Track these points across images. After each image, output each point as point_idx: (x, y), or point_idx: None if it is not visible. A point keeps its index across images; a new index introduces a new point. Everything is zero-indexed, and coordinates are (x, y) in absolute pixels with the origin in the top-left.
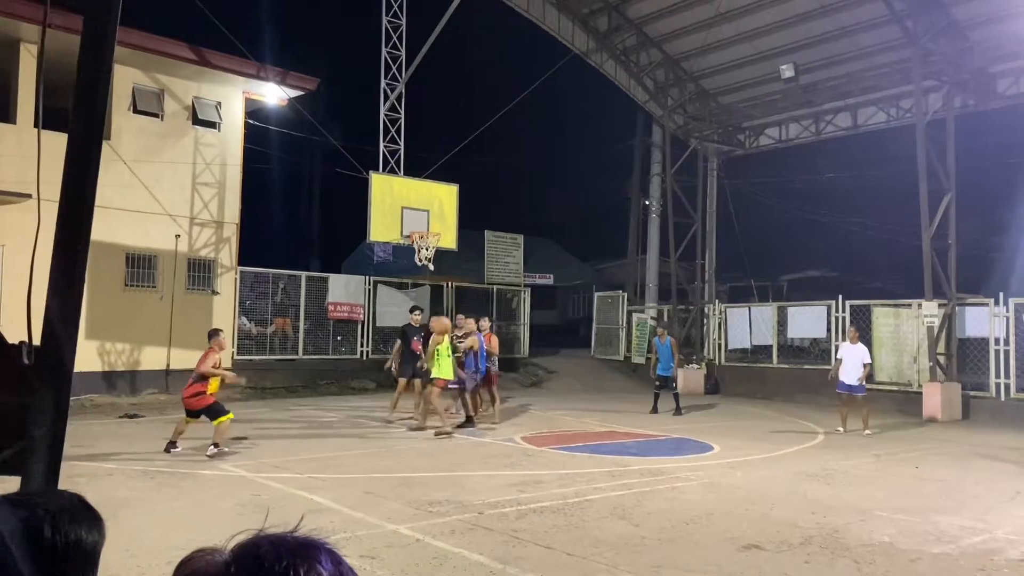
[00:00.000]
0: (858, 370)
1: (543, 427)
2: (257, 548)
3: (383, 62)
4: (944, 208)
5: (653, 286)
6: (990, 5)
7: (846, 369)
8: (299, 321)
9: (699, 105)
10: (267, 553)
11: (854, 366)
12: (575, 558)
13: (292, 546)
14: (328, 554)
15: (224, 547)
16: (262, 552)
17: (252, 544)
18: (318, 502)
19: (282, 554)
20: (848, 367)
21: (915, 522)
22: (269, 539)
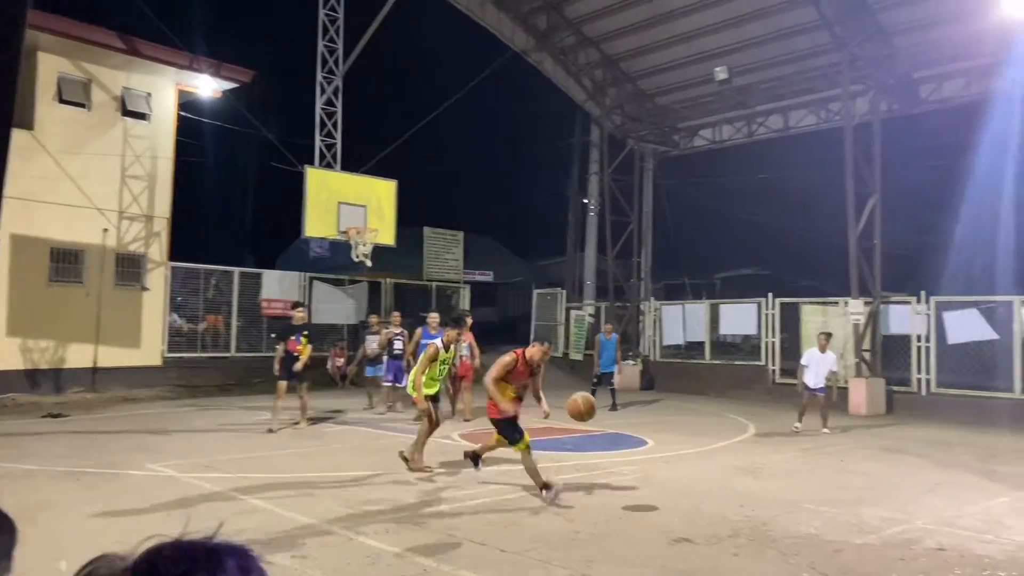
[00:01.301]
0: (823, 376)
1: (481, 424)
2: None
3: (320, 55)
4: (870, 209)
5: (591, 283)
6: (914, 13)
7: (812, 374)
8: (232, 318)
9: (636, 105)
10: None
11: (818, 374)
12: (509, 554)
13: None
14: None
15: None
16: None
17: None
18: (249, 502)
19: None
20: (813, 373)
21: (839, 514)
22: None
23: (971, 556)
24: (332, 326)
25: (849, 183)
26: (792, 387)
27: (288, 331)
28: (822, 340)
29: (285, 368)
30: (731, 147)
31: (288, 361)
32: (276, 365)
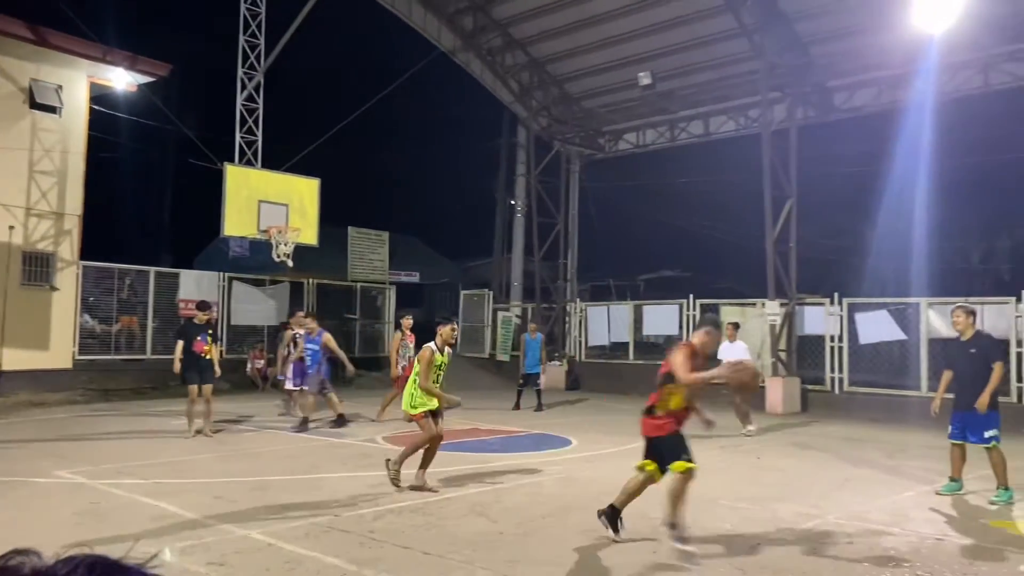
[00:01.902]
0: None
1: (406, 427)
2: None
3: (241, 50)
4: (786, 213)
5: (518, 285)
6: (829, 24)
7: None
8: (147, 319)
9: (562, 108)
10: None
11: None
12: (432, 556)
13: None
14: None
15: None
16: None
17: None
18: (164, 508)
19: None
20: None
21: (755, 510)
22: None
23: (879, 549)
24: (252, 327)
25: (767, 188)
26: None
27: (191, 331)
28: (730, 330)
29: (193, 370)
30: (655, 151)
31: (193, 362)
32: (176, 365)
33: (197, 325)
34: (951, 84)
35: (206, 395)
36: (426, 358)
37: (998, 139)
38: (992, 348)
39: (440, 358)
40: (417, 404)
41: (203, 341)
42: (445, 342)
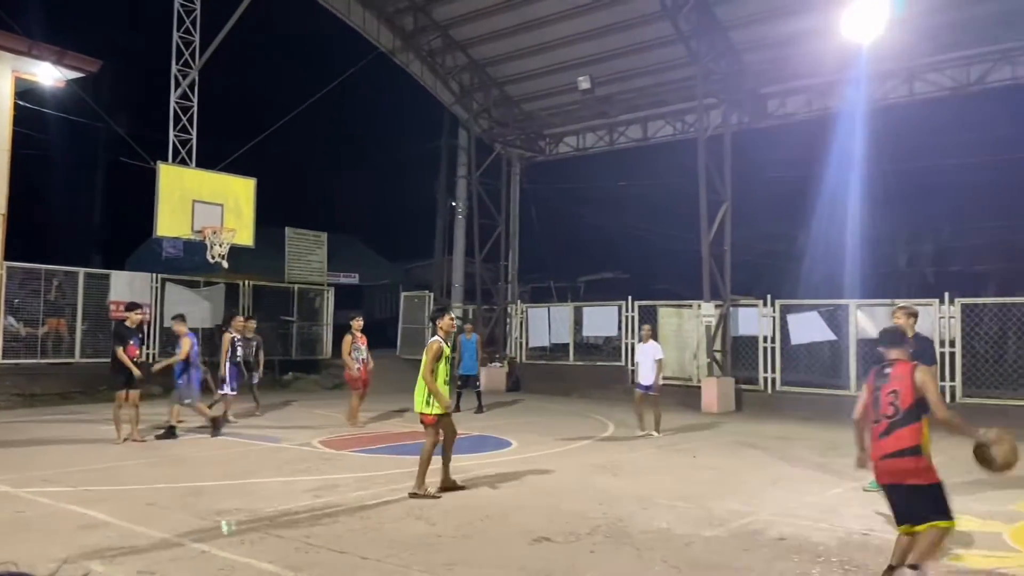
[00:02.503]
0: (653, 369)
1: (344, 430)
2: None
3: (175, 47)
4: (721, 216)
5: (459, 286)
6: (761, 32)
7: (642, 370)
8: (76, 321)
9: (503, 110)
10: None
11: (647, 366)
12: (369, 561)
13: None
14: None
15: None
16: None
17: None
18: (93, 516)
19: None
20: (643, 368)
21: (691, 508)
22: None
23: (808, 544)
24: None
25: (702, 192)
26: None
27: (125, 334)
28: (645, 331)
29: (120, 374)
30: (594, 154)
31: (123, 366)
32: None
33: (130, 328)
34: (879, 92)
35: (133, 400)
36: (434, 351)
37: (923, 146)
38: (926, 351)
39: (446, 351)
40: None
41: (135, 345)
42: (447, 333)
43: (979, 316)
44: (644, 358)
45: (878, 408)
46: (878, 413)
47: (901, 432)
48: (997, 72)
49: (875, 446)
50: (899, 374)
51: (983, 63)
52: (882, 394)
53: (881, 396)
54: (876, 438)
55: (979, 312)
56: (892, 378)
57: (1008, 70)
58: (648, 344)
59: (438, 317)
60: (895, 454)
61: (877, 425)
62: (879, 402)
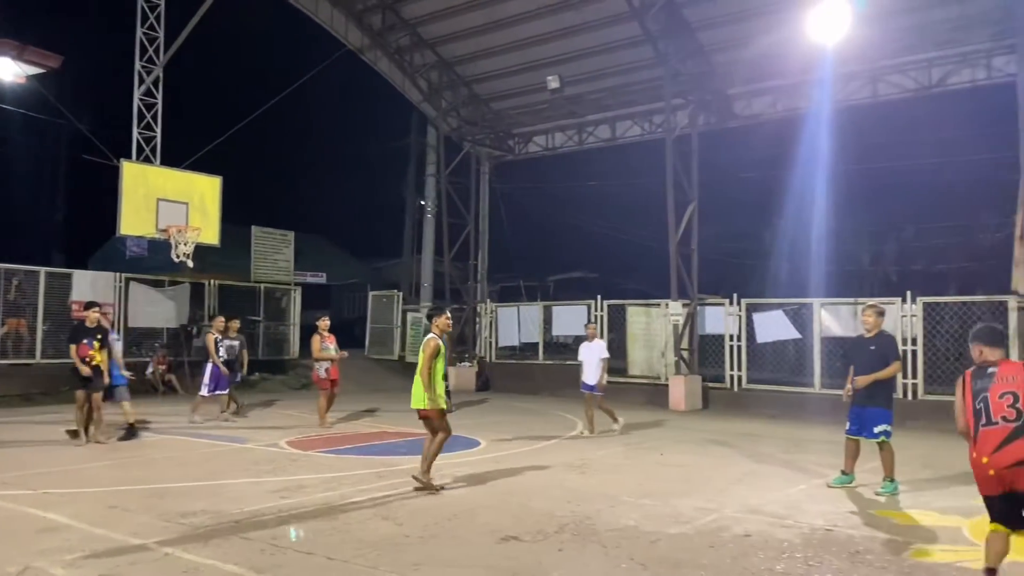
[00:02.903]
0: (598, 369)
1: (311, 430)
2: None
3: (138, 43)
4: (688, 216)
5: (428, 285)
6: (729, 33)
7: (586, 369)
8: (37, 321)
9: (472, 109)
10: None
11: (593, 365)
12: (336, 561)
13: None
14: None
15: None
16: None
17: None
18: (53, 519)
19: None
20: (588, 367)
21: (657, 506)
22: None
23: (773, 541)
24: (151, 330)
25: (669, 192)
26: (617, 385)
27: (80, 334)
28: (591, 329)
29: (79, 375)
30: (563, 154)
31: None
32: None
33: (87, 328)
34: (843, 93)
35: (95, 402)
36: (431, 348)
37: (886, 146)
38: (891, 347)
39: (442, 347)
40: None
41: (89, 345)
42: (443, 332)
43: (940, 315)
44: (589, 357)
45: (988, 412)
46: (989, 417)
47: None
48: (957, 75)
49: (990, 454)
50: (1010, 375)
51: (944, 65)
52: (992, 396)
53: (991, 399)
54: (991, 444)
55: (940, 311)
56: (1001, 379)
57: (968, 73)
58: (594, 343)
59: (435, 315)
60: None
61: (990, 429)
62: (989, 405)
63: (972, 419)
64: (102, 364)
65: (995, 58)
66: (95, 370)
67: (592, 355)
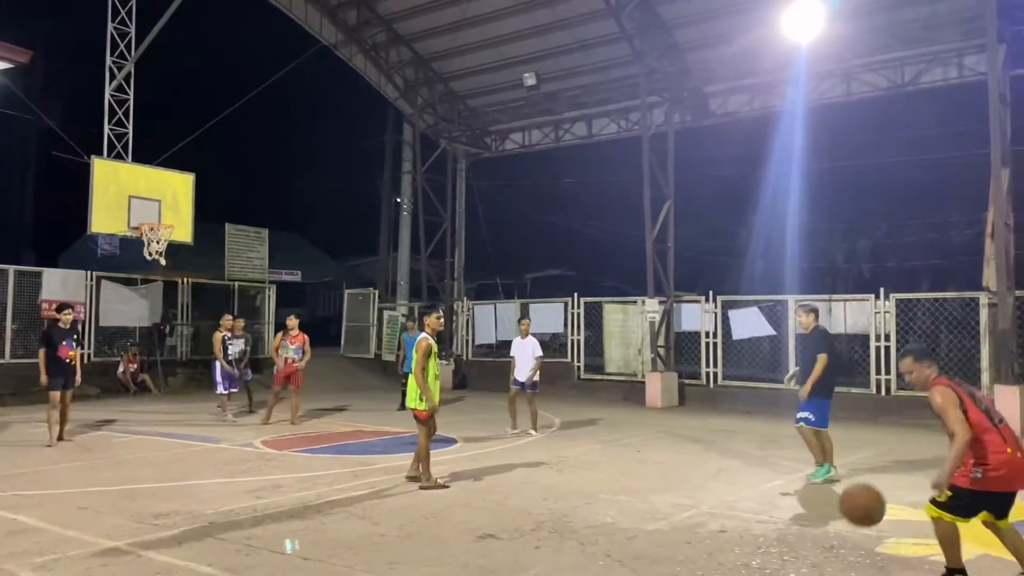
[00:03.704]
0: (530, 364)
1: (286, 430)
2: None
3: (109, 38)
4: (664, 214)
5: (404, 283)
6: (705, 31)
7: (519, 365)
8: (6, 321)
9: (448, 106)
10: None
11: (526, 361)
12: (311, 561)
13: None
14: None
15: None
16: None
17: None
18: (22, 522)
19: None
20: (520, 363)
21: (634, 502)
22: None
23: (749, 536)
24: (123, 329)
25: (646, 189)
26: (593, 382)
27: (56, 335)
28: (524, 325)
29: (58, 376)
30: (540, 151)
31: (59, 368)
32: (43, 376)
33: (62, 329)
34: (817, 92)
35: (66, 401)
36: (424, 348)
37: (859, 145)
38: (818, 341)
39: (435, 346)
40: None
41: (68, 346)
42: (434, 331)
43: (913, 311)
44: (522, 353)
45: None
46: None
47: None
48: (929, 74)
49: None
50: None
51: (916, 64)
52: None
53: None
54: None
55: (913, 307)
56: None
57: (940, 71)
58: (527, 340)
59: (426, 314)
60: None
61: (1005, 427)
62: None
63: (986, 419)
64: (77, 363)
65: (966, 57)
66: (71, 369)
67: (525, 351)
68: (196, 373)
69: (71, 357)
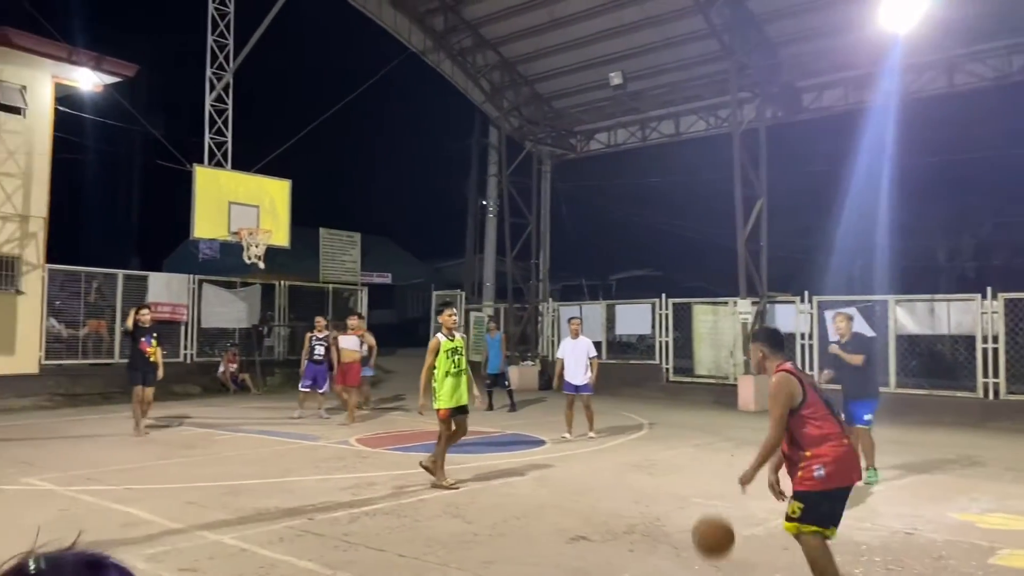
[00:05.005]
0: (583, 366)
1: (378, 428)
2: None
3: (209, 50)
4: (757, 212)
5: (490, 285)
6: (797, 25)
7: (571, 367)
8: (115, 323)
9: (534, 108)
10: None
11: (579, 362)
12: (407, 559)
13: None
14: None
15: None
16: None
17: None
18: (134, 515)
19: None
20: (572, 365)
21: (728, 507)
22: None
23: (850, 543)
24: (223, 330)
25: (737, 187)
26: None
27: (137, 333)
28: (574, 325)
29: (140, 370)
30: (626, 151)
31: (139, 363)
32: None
33: (142, 327)
34: (916, 84)
35: (148, 396)
36: (431, 346)
37: (962, 138)
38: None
39: (450, 343)
40: (440, 400)
41: (147, 342)
42: (449, 328)
43: (1023, 311)
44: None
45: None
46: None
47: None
48: None
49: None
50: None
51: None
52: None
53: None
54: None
55: (1023, 307)
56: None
57: None
58: (579, 340)
59: (439, 312)
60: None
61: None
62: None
63: (830, 411)
64: (158, 361)
65: None
66: (151, 365)
67: (578, 352)
68: (293, 372)
69: (150, 353)
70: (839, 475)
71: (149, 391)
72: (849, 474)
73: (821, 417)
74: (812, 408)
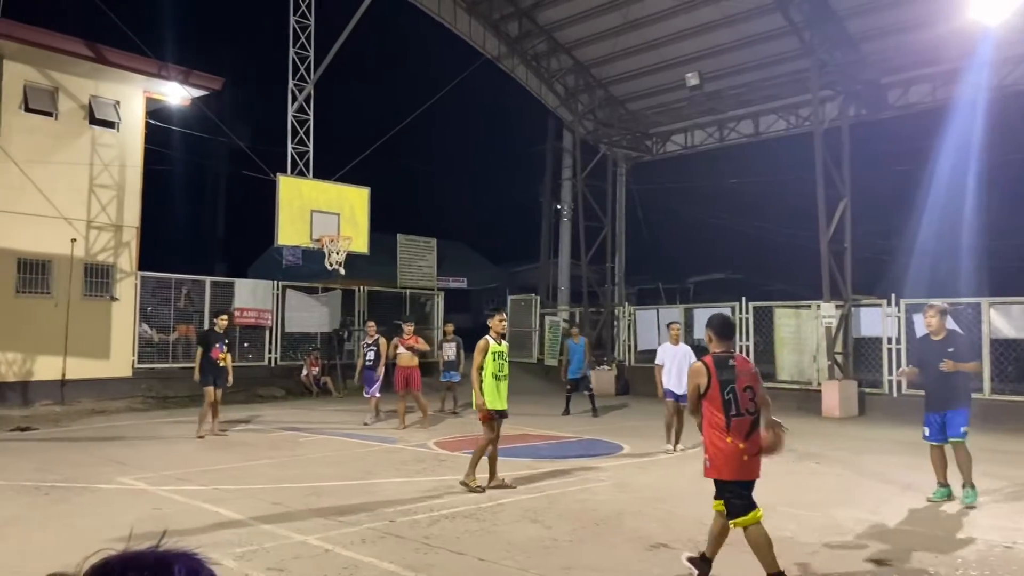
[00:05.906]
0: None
1: (456, 431)
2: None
3: (291, 62)
4: (840, 213)
5: (565, 289)
6: (881, 20)
7: (672, 375)
8: (204, 327)
9: (608, 111)
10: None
11: (681, 371)
12: (486, 563)
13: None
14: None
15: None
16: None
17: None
18: (223, 514)
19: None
20: (675, 372)
21: (814, 516)
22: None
23: (945, 556)
24: (305, 334)
25: (820, 187)
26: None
27: (212, 338)
28: (674, 330)
29: (211, 375)
30: (703, 152)
31: (211, 368)
32: (197, 372)
33: (217, 333)
34: (1009, 78)
35: (217, 398)
36: (479, 347)
37: None
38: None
39: (498, 347)
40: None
41: (220, 348)
42: (497, 333)
43: None
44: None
45: (737, 403)
46: (738, 408)
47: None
48: None
49: (744, 441)
50: (745, 370)
51: None
52: (738, 389)
53: (738, 391)
54: (743, 433)
55: None
56: (741, 373)
57: None
58: (680, 346)
59: (489, 316)
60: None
61: (741, 420)
62: (737, 397)
63: (722, 408)
64: (228, 365)
65: None
66: (222, 370)
67: (681, 359)
68: None
69: (221, 359)
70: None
71: (219, 394)
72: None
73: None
74: (710, 400)
